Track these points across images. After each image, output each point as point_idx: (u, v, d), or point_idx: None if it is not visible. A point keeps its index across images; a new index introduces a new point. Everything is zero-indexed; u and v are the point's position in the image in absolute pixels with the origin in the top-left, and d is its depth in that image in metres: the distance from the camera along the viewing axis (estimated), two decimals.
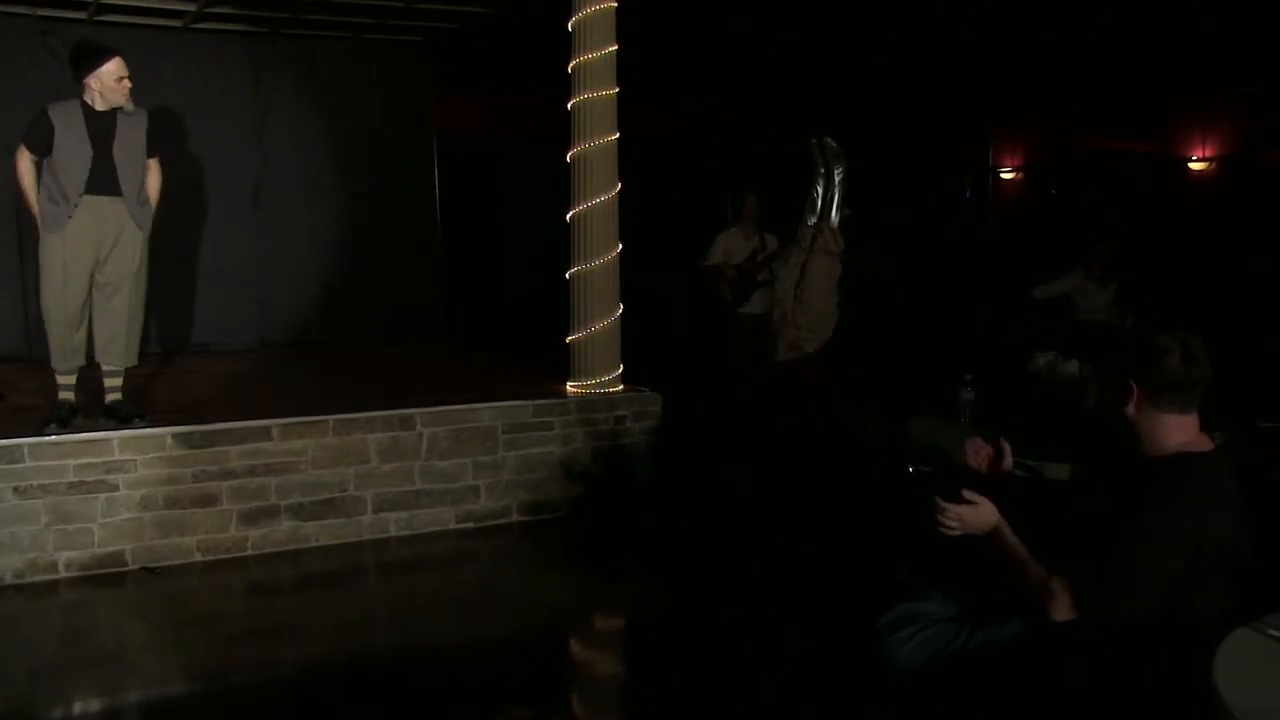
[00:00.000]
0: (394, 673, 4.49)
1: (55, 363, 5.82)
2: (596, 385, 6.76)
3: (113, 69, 5.58)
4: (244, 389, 7.23)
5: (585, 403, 6.60)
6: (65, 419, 5.73)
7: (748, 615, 4.96)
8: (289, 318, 9.64)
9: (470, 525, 6.27)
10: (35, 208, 5.61)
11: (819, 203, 6.19)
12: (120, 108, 5.67)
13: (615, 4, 6.70)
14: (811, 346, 6.34)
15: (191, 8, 8.54)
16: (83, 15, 8.49)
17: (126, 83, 5.63)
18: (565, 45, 6.80)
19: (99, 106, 5.61)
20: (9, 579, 5.33)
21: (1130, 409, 2.78)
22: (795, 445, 6.26)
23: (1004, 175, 13.33)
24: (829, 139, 6.14)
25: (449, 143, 10.49)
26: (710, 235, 8.46)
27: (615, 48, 6.72)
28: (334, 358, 8.85)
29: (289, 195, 9.62)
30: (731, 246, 8.29)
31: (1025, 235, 12.27)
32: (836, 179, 6.15)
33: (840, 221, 7.66)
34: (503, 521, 6.35)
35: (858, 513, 5.85)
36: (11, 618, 5.13)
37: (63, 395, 5.85)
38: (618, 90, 6.75)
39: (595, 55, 6.65)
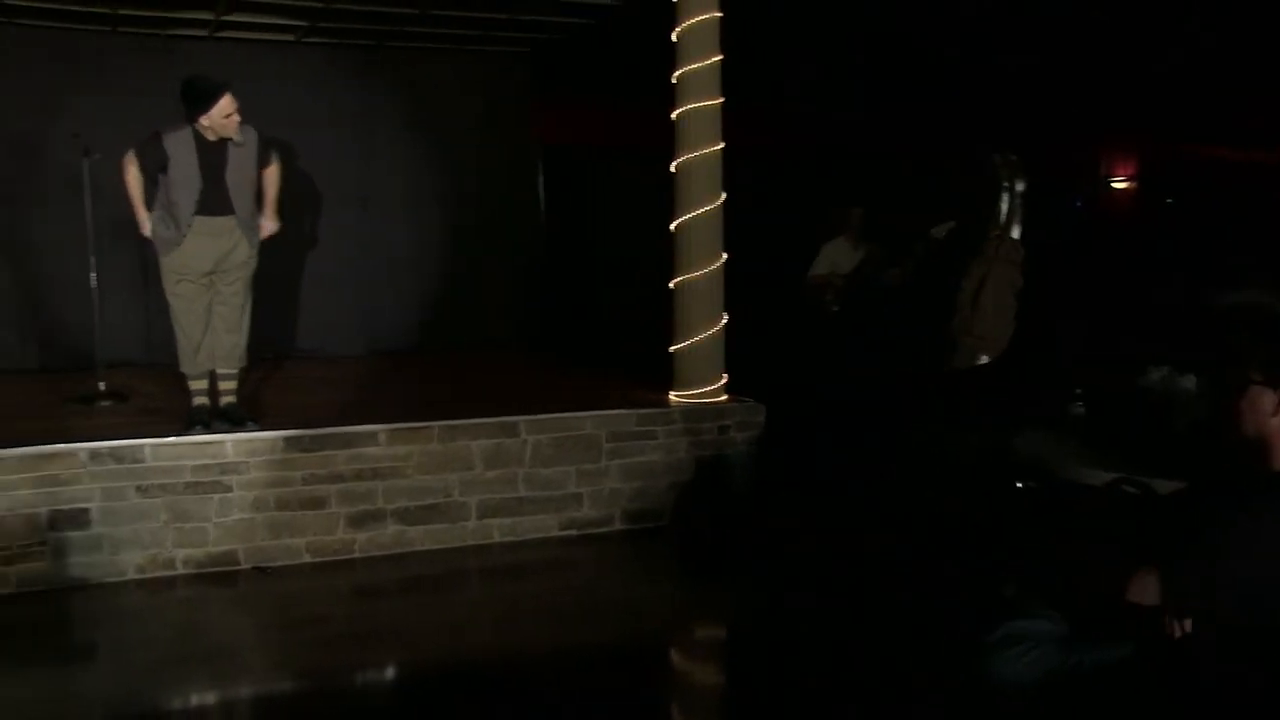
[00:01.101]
0: (494, 678, 4.57)
1: (186, 367, 6.09)
2: (700, 395, 6.79)
3: (222, 106, 5.73)
4: (351, 394, 7.41)
5: (689, 412, 6.63)
6: (206, 421, 5.98)
7: (850, 629, 4.94)
8: (394, 325, 9.85)
9: (573, 533, 6.35)
10: (141, 216, 5.85)
11: (1002, 215, 6.35)
12: (230, 139, 5.86)
13: (719, 14, 6.74)
14: (989, 355, 6.45)
15: (303, 23, 8.81)
16: (204, 33, 8.82)
17: (236, 118, 5.79)
18: (669, 54, 6.86)
19: (210, 137, 5.81)
20: (131, 574, 5.56)
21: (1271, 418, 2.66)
22: (900, 458, 6.22)
23: (1115, 185, 13.04)
24: (1012, 154, 6.29)
25: (550, 153, 10.63)
26: (815, 246, 8.44)
27: (720, 57, 6.75)
28: (438, 364, 9.03)
29: (394, 205, 9.85)
30: (837, 257, 8.26)
31: (1139, 245, 11.98)
32: (1018, 192, 6.33)
33: (946, 233, 7.62)
34: (605, 530, 6.41)
35: (962, 526, 5.79)
36: (133, 611, 5.36)
37: (197, 400, 6.11)
38: (722, 100, 6.78)
39: (699, 65, 6.70)
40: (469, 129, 10.01)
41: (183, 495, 5.65)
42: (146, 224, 5.92)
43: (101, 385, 7.09)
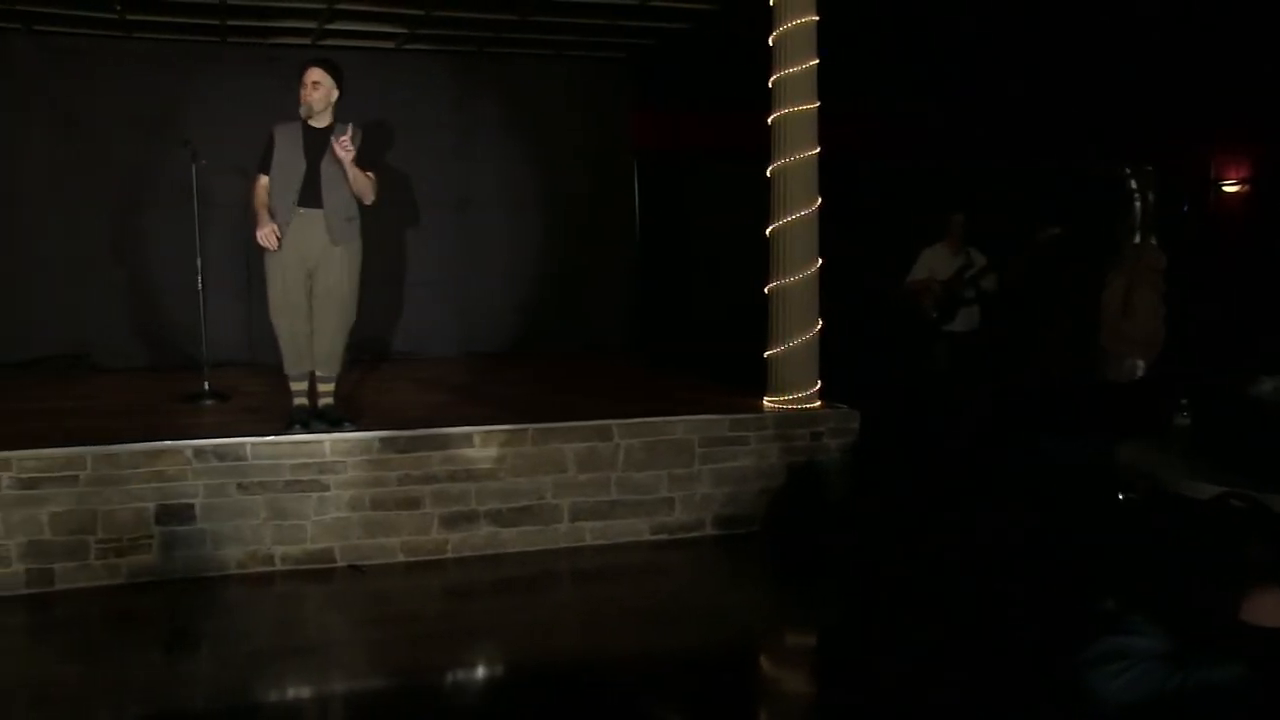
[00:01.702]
0: (583, 680, 4.58)
1: (287, 368, 6.22)
2: (793, 401, 6.75)
3: (305, 76, 5.96)
4: (446, 396, 7.51)
5: (782, 418, 6.59)
6: (305, 421, 6.12)
7: (943, 640, 4.85)
8: (490, 327, 9.98)
9: (664, 537, 6.35)
10: (260, 223, 5.95)
11: (1138, 224, 6.42)
12: (331, 125, 5.99)
13: (816, 18, 6.69)
14: (1143, 360, 6.46)
15: (403, 30, 8.97)
16: (307, 41, 9.03)
17: (305, 90, 5.94)
18: (764, 59, 6.82)
19: (315, 123, 5.96)
20: (232, 568, 5.70)
21: None
22: (1000, 468, 6.11)
23: (1226, 188, 12.64)
24: (1147, 166, 6.33)
25: (646, 157, 10.66)
26: (914, 251, 8.33)
27: (816, 61, 6.70)
28: (532, 367, 9.10)
29: (491, 209, 9.96)
30: (936, 263, 8.13)
31: (1252, 249, 11.60)
32: (1150, 201, 6.39)
33: (1049, 238, 7.47)
34: (696, 535, 6.40)
35: (1062, 539, 5.66)
36: (233, 605, 5.50)
37: (298, 401, 6.24)
38: (819, 104, 6.73)
39: (796, 69, 6.66)
40: (566, 134, 10.09)
41: (282, 493, 5.78)
42: (263, 229, 5.92)
43: (206, 385, 7.29)
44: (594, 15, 8.63)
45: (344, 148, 5.81)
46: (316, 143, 5.96)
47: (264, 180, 5.99)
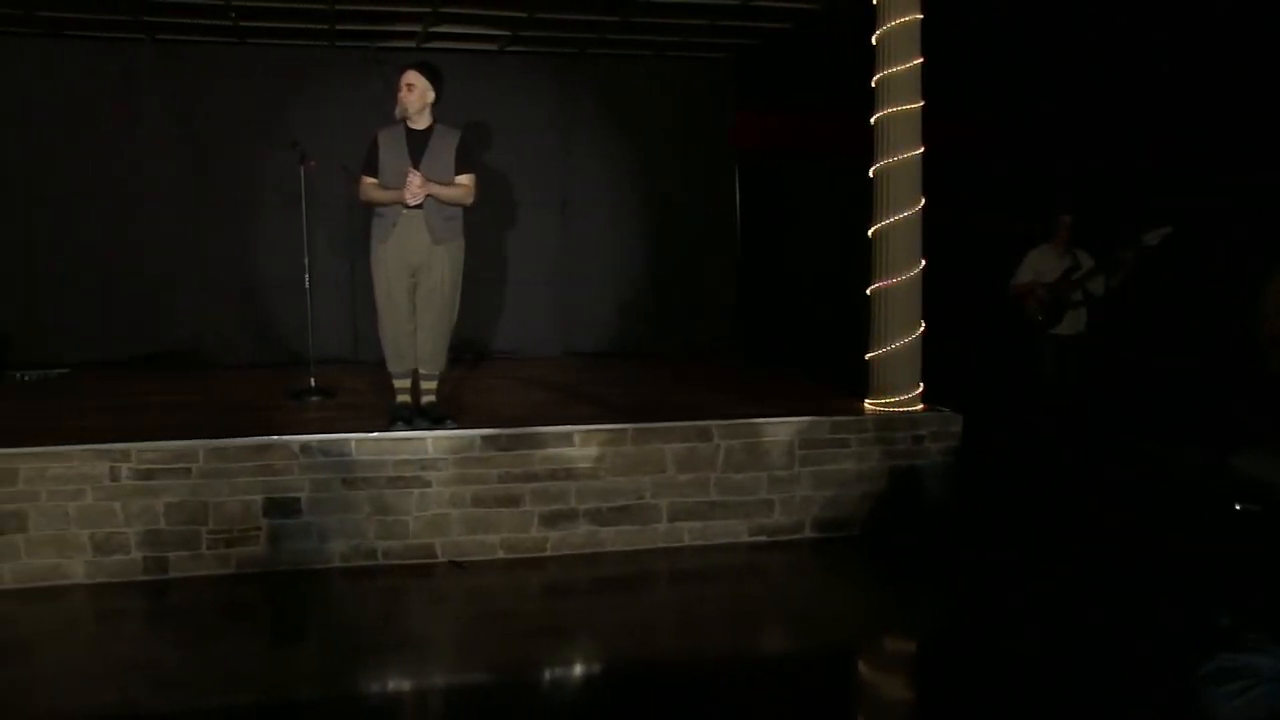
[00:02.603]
0: (680, 681, 4.57)
1: (391, 365, 6.32)
2: (895, 404, 6.66)
3: (401, 79, 6.05)
4: (547, 395, 7.56)
5: (883, 421, 6.51)
6: (408, 418, 6.21)
7: (1048, 650, 4.75)
8: (590, 327, 10.04)
9: (763, 539, 6.31)
10: (394, 195, 6.00)
11: None
12: (433, 126, 6.08)
13: (920, 16, 6.60)
14: None
15: (506, 32, 9.07)
16: (412, 44, 9.18)
17: (403, 93, 6.03)
18: (868, 58, 6.75)
19: (415, 124, 6.06)
20: (336, 562, 5.82)
21: None
22: (1109, 475, 5.95)
23: None
24: None
25: (746, 157, 10.62)
26: (1019, 253, 8.15)
27: (920, 60, 6.61)
28: (631, 367, 9.13)
29: (592, 209, 10.03)
30: (1043, 265, 7.95)
31: None
32: None
33: (1161, 239, 7.27)
34: (795, 537, 6.35)
35: (1174, 550, 5.49)
36: (337, 598, 5.60)
37: (400, 398, 6.34)
38: (922, 104, 6.64)
39: (899, 69, 6.58)
40: (667, 134, 10.11)
41: (385, 489, 5.87)
42: (405, 188, 5.95)
43: (312, 381, 7.45)
44: (696, 16, 8.63)
45: (412, 195, 5.93)
46: (418, 144, 6.06)
47: (370, 181, 6.10)
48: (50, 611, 5.37)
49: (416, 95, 6.02)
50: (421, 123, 6.08)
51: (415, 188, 5.92)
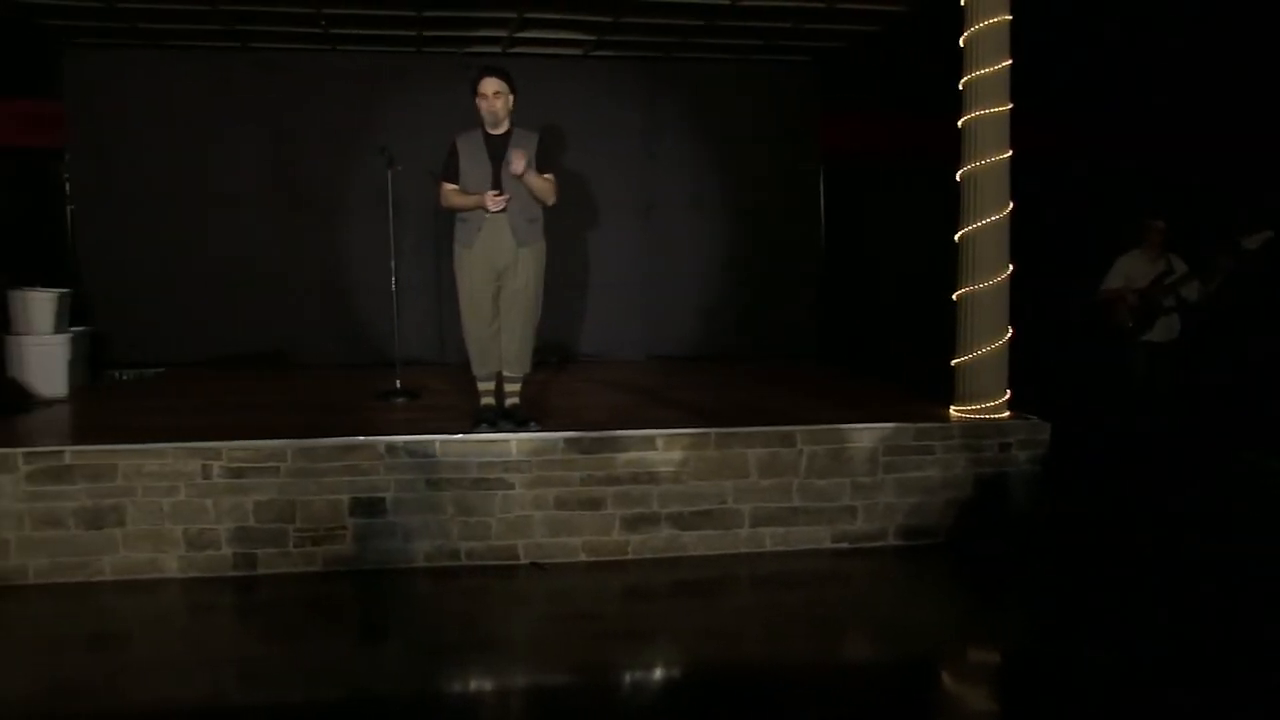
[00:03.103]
0: (760, 687, 4.54)
1: (475, 369, 6.39)
2: (981, 411, 6.56)
3: (482, 87, 6.09)
4: (630, 399, 7.58)
5: (969, 428, 6.41)
6: (492, 420, 6.28)
7: (1139, 665, 4.64)
8: (673, 331, 10.05)
9: (845, 546, 6.26)
10: (476, 199, 6.08)
11: None
12: (510, 130, 6.13)
13: (1009, 17, 6.50)
14: None
15: (591, 37, 9.11)
16: (498, 49, 9.28)
17: (487, 101, 6.08)
18: (955, 60, 6.66)
19: (493, 130, 6.13)
20: (420, 561, 5.89)
21: None
22: (1205, 487, 5.81)
23: None
24: None
25: (830, 160, 10.56)
26: (1108, 258, 7.99)
27: (1009, 62, 6.51)
28: (715, 371, 9.13)
29: (676, 213, 10.04)
30: (1133, 270, 7.78)
31: None
32: None
33: (1262, 243, 7.08)
34: (878, 544, 6.29)
35: (1269, 562, 5.34)
36: (420, 597, 5.66)
37: (484, 400, 6.41)
38: (1011, 105, 6.53)
39: (988, 70, 6.47)
40: (752, 138, 10.09)
41: (469, 490, 5.93)
42: (486, 195, 6.05)
43: (398, 383, 7.55)
44: (782, 19, 8.60)
45: (515, 165, 5.96)
46: (497, 149, 6.12)
47: (450, 187, 6.17)
48: (146, 604, 5.52)
49: (503, 102, 6.08)
50: (502, 128, 6.14)
51: (500, 202, 6.01)
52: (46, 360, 8.00)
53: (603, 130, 9.72)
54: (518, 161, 5.97)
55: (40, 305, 8.15)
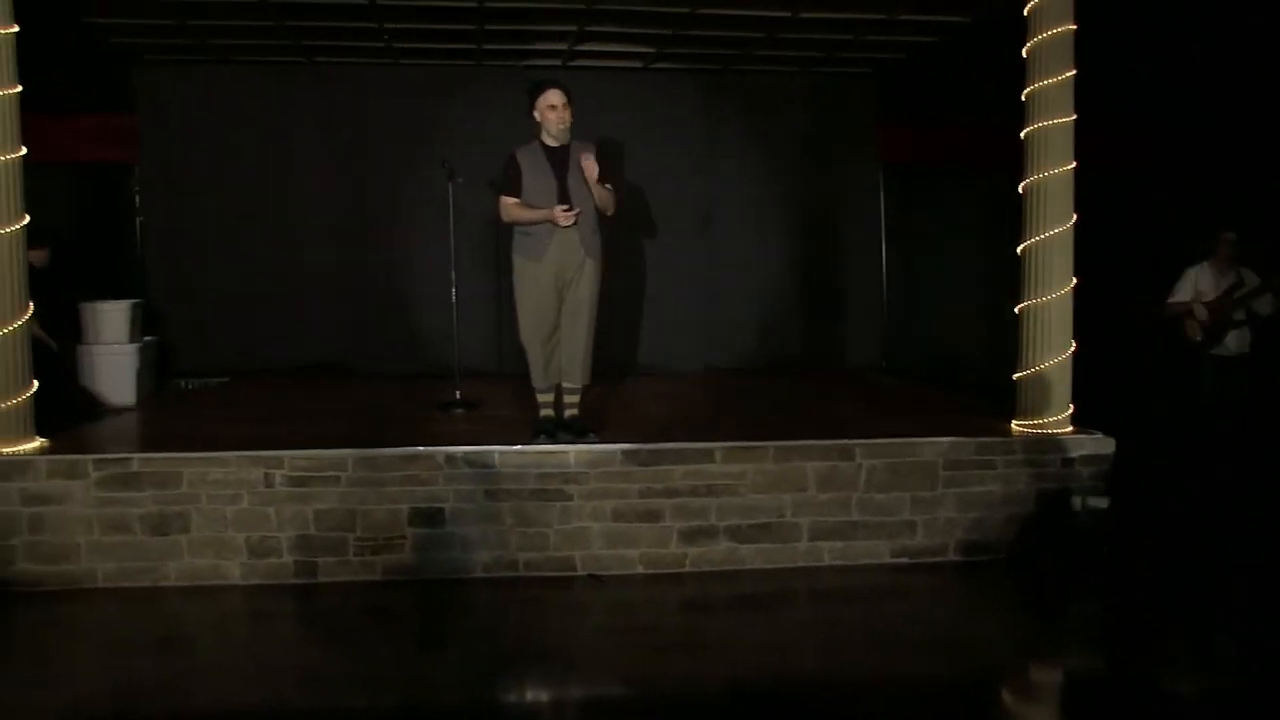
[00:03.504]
0: (818, 703, 4.51)
1: (535, 381, 6.41)
2: (1044, 425, 6.48)
3: (546, 98, 6.11)
4: (688, 411, 7.57)
5: (1031, 443, 6.33)
6: (551, 431, 6.30)
7: (1207, 689, 4.54)
8: (731, 343, 10.04)
9: (904, 560, 6.20)
10: (542, 213, 6.08)
11: None
12: (569, 143, 6.16)
13: (1074, 27, 6.43)
14: None
15: (651, 49, 9.14)
16: (558, 62, 9.34)
17: (557, 112, 6.10)
18: (1015, 71, 6.61)
19: (552, 142, 6.15)
20: (478, 572, 5.92)
21: None
22: (1275, 503, 5.69)
23: None
24: None
25: (890, 171, 10.51)
26: (1177, 270, 7.86)
27: (1073, 72, 6.44)
28: (773, 383, 9.10)
29: (734, 224, 10.05)
30: (1203, 283, 7.65)
31: None
32: None
33: None
34: (938, 559, 6.22)
35: None
36: (478, 607, 5.69)
37: (544, 412, 6.44)
38: (1074, 117, 6.46)
39: (1051, 81, 6.41)
40: (811, 149, 10.08)
41: (527, 501, 5.95)
42: (556, 210, 6.05)
43: (458, 393, 7.60)
44: (842, 31, 8.57)
45: (590, 169, 5.99)
46: (559, 161, 6.15)
47: (512, 201, 6.19)
48: (209, 609, 5.59)
49: (568, 114, 6.12)
50: (560, 140, 6.17)
51: (570, 217, 6.02)
52: (116, 369, 8.18)
53: (662, 142, 9.75)
54: (592, 166, 6.00)
55: (111, 316, 8.33)
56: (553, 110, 6.11)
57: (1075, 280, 6.52)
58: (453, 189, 7.60)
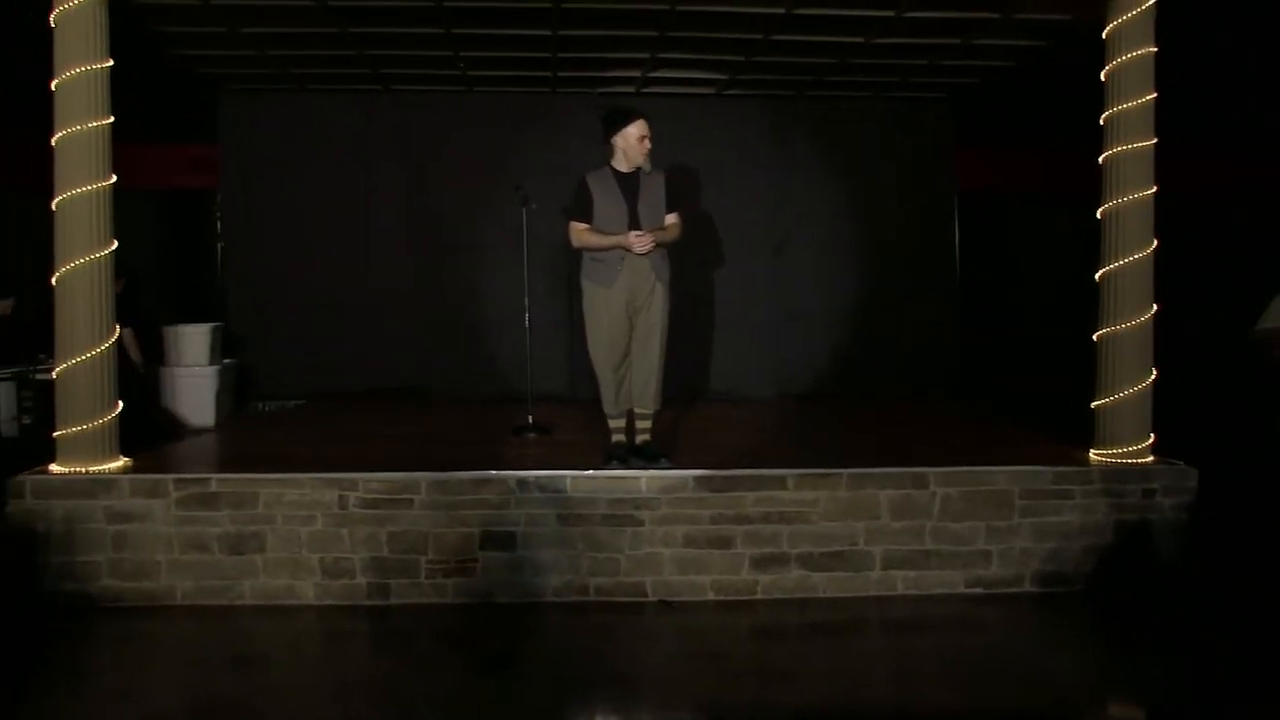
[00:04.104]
0: None
1: (607, 407, 6.44)
2: (1123, 455, 6.36)
3: (635, 130, 6.17)
4: (760, 437, 7.54)
5: (1110, 473, 6.21)
6: (623, 457, 6.32)
7: None
8: (804, 369, 9.98)
9: (979, 591, 6.11)
10: (614, 240, 6.14)
11: None
12: (640, 168, 6.20)
13: (1154, 49, 6.34)
14: None
15: (724, 76, 9.17)
16: (631, 89, 9.41)
17: (646, 143, 6.18)
18: (1093, 94, 6.52)
19: (623, 168, 6.20)
20: (549, 596, 5.94)
21: None
22: None
23: None
24: None
25: (964, 197, 10.42)
26: (1264, 295, 7.67)
27: (1153, 95, 6.34)
28: (847, 410, 9.04)
29: (808, 250, 10.02)
30: None
31: None
32: None
33: None
34: (1014, 590, 6.12)
35: None
36: (548, 632, 5.71)
37: (615, 437, 6.47)
38: (1155, 140, 6.36)
39: (1131, 104, 6.32)
40: (884, 176, 10.03)
41: (598, 526, 5.97)
42: (625, 235, 6.12)
43: (530, 418, 7.65)
44: (916, 55, 8.53)
45: (640, 250, 6.08)
46: (630, 188, 6.20)
47: (583, 226, 6.23)
48: (283, 628, 5.68)
49: (648, 143, 6.18)
50: (631, 167, 6.21)
51: (646, 243, 6.08)
52: (196, 391, 8.35)
53: (734, 168, 9.77)
54: (647, 243, 6.08)
55: (192, 338, 8.52)
56: (641, 140, 6.16)
57: (1155, 307, 6.41)
58: (526, 215, 7.67)
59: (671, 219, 6.29)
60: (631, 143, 6.17)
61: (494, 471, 6.02)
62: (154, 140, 9.54)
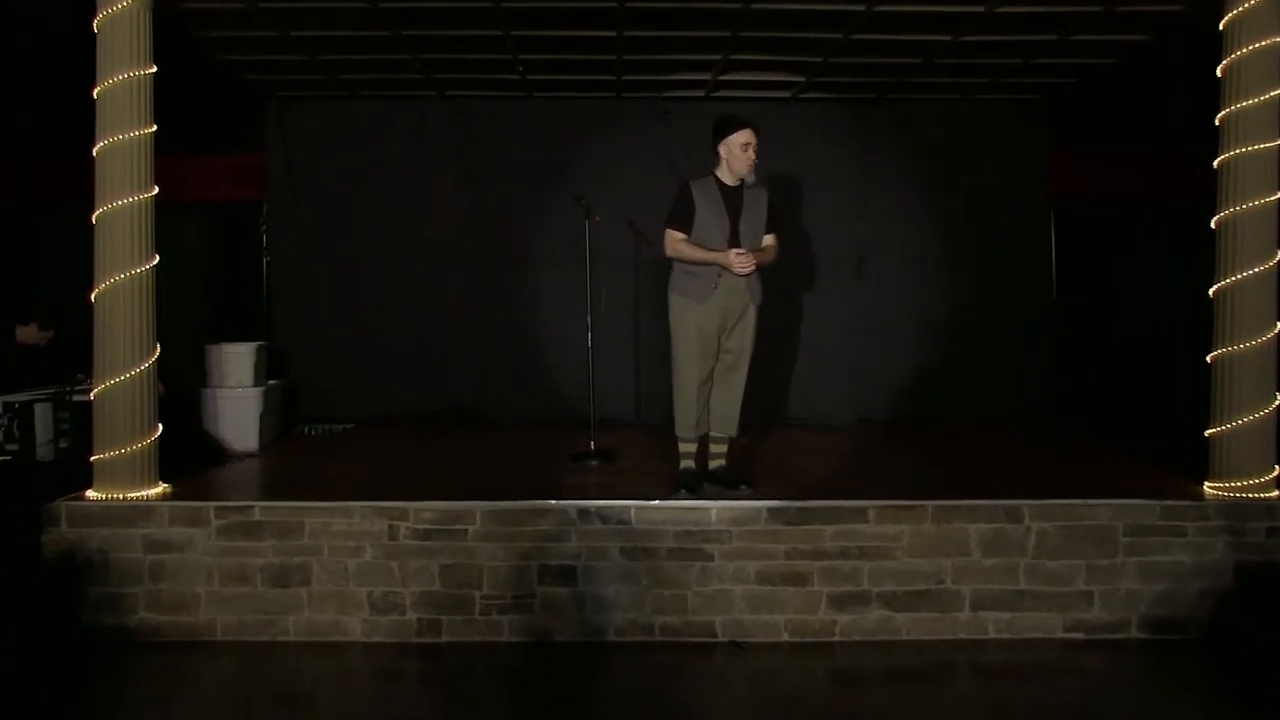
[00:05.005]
0: None
1: (681, 430, 6.41)
2: (1243, 488, 6.17)
3: (741, 137, 6.16)
4: (838, 466, 7.46)
5: (1229, 508, 6.04)
6: (694, 485, 6.28)
7: None
8: (887, 393, 9.83)
9: (1079, 636, 5.96)
10: (711, 255, 6.13)
11: None
12: (743, 182, 6.18)
13: (1279, 39, 6.18)
14: None
15: (800, 79, 9.10)
16: (701, 94, 9.38)
17: (751, 153, 6.17)
18: (1207, 92, 6.38)
19: (728, 180, 6.19)
20: (610, 635, 5.89)
21: None
22: None
23: None
24: None
25: (1061, 207, 10.23)
26: None
27: (1277, 91, 6.18)
28: (933, 437, 8.91)
29: (891, 265, 9.89)
30: None
31: None
32: None
33: None
34: (1118, 636, 5.96)
35: None
36: (610, 674, 5.65)
37: (685, 463, 6.44)
38: (1279, 142, 6.20)
39: (1252, 102, 6.18)
40: (974, 183, 9.88)
41: (664, 560, 5.91)
42: (728, 253, 6.11)
43: (592, 444, 7.61)
44: (1007, 54, 8.40)
45: (744, 268, 6.07)
46: (734, 203, 6.19)
47: (679, 236, 6.20)
48: (329, 667, 5.69)
49: (754, 156, 6.19)
50: (735, 178, 6.20)
51: (748, 265, 6.08)
52: (240, 413, 8.40)
53: (812, 177, 9.68)
54: (749, 265, 6.08)
55: (236, 359, 8.58)
56: (745, 150, 6.16)
57: (1278, 325, 6.23)
58: (589, 228, 7.65)
59: (770, 240, 6.31)
60: (735, 151, 6.16)
61: (553, 501, 6.00)
62: (197, 150, 9.67)
